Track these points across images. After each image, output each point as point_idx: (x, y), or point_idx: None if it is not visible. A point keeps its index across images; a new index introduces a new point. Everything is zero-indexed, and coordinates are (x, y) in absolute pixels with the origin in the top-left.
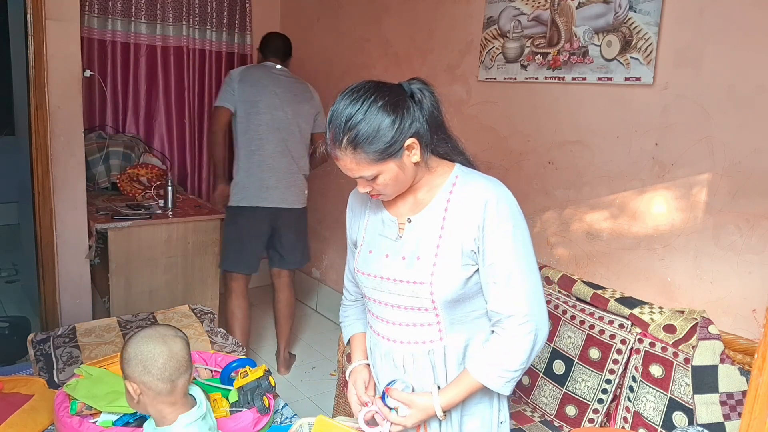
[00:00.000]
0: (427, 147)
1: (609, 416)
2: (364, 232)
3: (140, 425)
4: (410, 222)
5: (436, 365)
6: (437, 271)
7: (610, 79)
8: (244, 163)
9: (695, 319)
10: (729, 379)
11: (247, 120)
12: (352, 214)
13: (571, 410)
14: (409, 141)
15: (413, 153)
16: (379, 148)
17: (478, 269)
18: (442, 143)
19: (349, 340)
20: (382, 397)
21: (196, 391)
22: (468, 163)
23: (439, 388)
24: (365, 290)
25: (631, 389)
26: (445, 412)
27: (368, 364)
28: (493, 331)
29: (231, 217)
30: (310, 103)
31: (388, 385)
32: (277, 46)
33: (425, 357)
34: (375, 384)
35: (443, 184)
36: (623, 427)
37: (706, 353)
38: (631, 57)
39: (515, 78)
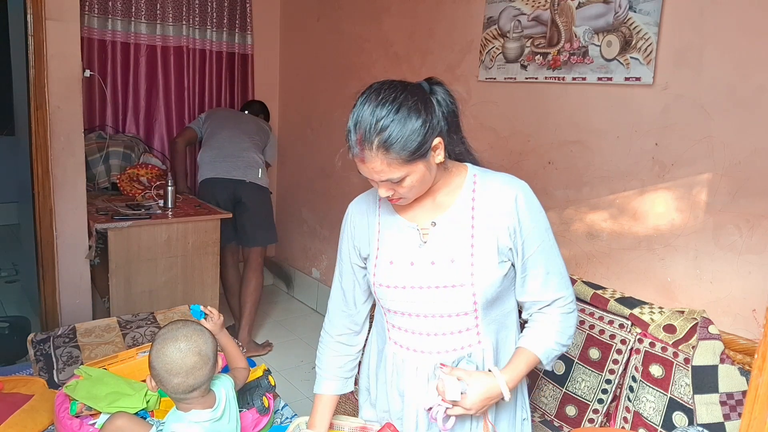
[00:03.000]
0: (446, 148)
1: (609, 416)
2: (378, 243)
3: None
4: (435, 225)
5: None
6: (476, 271)
7: (610, 79)
8: (203, 149)
9: (695, 319)
10: (729, 379)
11: (207, 126)
12: (355, 229)
13: (571, 410)
14: (436, 141)
15: (438, 153)
16: (411, 148)
17: (512, 266)
18: (458, 143)
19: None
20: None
21: (219, 393)
22: (476, 162)
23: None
24: (388, 303)
25: (631, 389)
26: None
27: None
28: (531, 316)
29: (201, 195)
30: (265, 132)
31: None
32: (251, 104)
33: (464, 363)
34: None
35: (463, 184)
36: (623, 427)
37: (706, 353)
38: (631, 57)
39: (515, 78)
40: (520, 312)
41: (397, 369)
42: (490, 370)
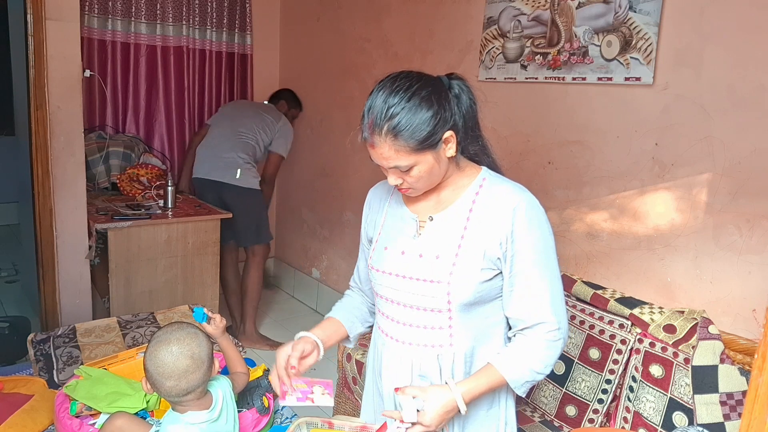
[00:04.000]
0: (460, 144)
1: (609, 416)
2: (381, 228)
3: None
4: (432, 220)
5: (443, 371)
6: (456, 271)
7: (610, 79)
8: (200, 145)
9: (695, 319)
10: (729, 379)
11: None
12: (370, 211)
13: (571, 410)
14: (447, 134)
15: (449, 147)
16: (420, 137)
17: (497, 275)
18: (473, 142)
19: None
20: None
21: (216, 394)
22: (494, 166)
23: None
24: (377, 287)
25: (631, 389)
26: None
27: (318, 343)
28: (515, 335)
29: (196, 194)
30: (269, 126)
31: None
32: (277, 93)
33: (434, 361)
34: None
35: (469, 185)
36: (623, 427)
37: (706, 353)
38: (631, 57)
39: (515, 78)
40: None
41: (378, 353)
42: (446, 383)
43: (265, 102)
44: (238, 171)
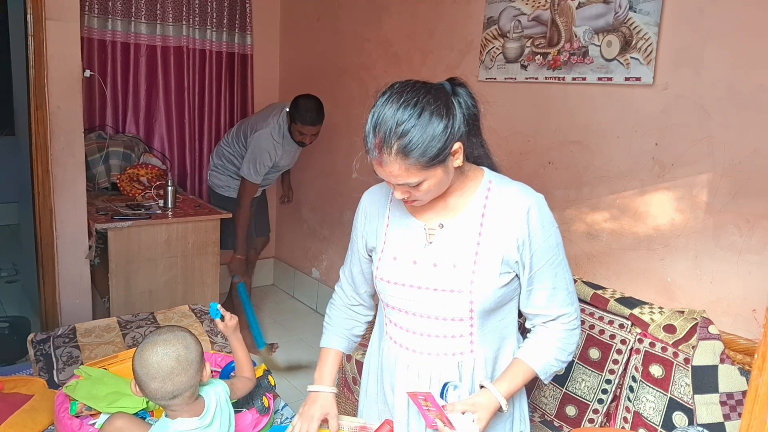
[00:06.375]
0: (466, 151)
1: (609, 416)
2: (385, 237)
3: None
4: (442, 227)
5: (462, 378)
6: (477, 279)
7: (610, 79)
8: None
9: (695, 319)
10: (729, 379)
11: None
12: (366, 219)
13: (571, 410)
14: (456, 146)
15: (456, 157)
16: (431, 154)
17: (514, 278)
18: (477, 147)
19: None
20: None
21: (209, 399)
22: (494, 167)
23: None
24: (388, 299)
25: (631, 389)
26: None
27: (334, 393)
28: (534, 327)
29: None
30: (247, 139)
31: (444, 388)
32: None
33: (454, 370)
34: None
35: (477, 189)
36: (623, 427)
37: (706, 353)
38: (631, 57)
39: (515, 78)
40: (520, 324)
41: (390, 364)
42: (482, 386)
43: (287, 109)
44: (209, 173)
